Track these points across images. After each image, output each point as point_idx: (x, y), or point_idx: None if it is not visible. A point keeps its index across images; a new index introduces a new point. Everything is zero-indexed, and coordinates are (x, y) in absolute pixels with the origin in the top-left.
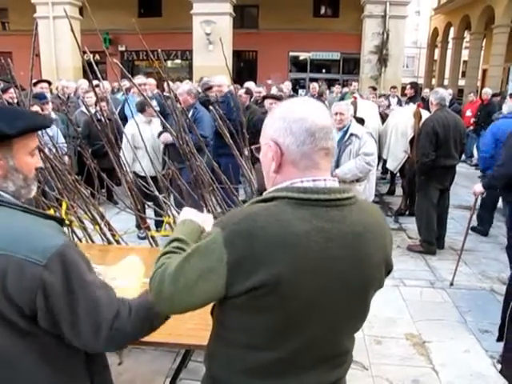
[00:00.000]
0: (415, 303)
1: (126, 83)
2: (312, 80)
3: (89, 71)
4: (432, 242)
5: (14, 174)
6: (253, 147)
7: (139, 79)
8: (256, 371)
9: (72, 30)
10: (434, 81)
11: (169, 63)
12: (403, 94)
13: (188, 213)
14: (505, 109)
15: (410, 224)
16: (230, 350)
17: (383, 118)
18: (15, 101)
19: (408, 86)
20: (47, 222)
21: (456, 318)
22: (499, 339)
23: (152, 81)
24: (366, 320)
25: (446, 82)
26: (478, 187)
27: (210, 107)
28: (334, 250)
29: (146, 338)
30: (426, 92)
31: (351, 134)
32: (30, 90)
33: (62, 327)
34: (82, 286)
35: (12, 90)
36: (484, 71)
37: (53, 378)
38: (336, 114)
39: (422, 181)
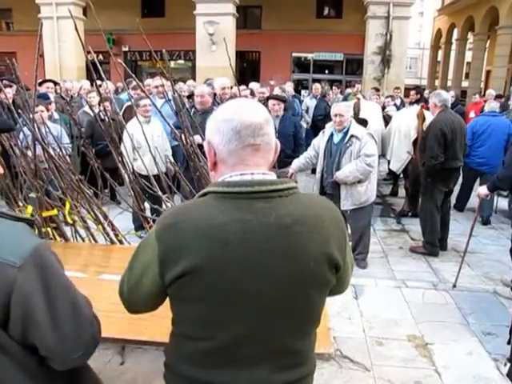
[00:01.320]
0: (417, 305)
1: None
2: (315, 81)
3: (93, 71)
4: (435, 243)
5: None
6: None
7: (157, 80)
8: (197, 360)
9: (76, 30)
10: (437, 82)
11: (172, 63)
12: (406, 96)
13: None
14: (486, 107)
15: (413, 225)
16: (176, 340)
17: (386, 120)
18: (10, 101)
19: (413, 92)
20: (18, 224)
21: (459, 319)
22: (510, 342)
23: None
24: (367, 321)
25: (449, 84)
26: (483, 189)
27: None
28: (254, 241)
29: (148, 338)
30: (426, 93)
31: (351, 136)
32: (34, 90)
33: (39, 333)
34: (61, 286)
35: (9, 90)
36: (488, 72)
37: None
38: (336, 115)
39: (427, 183)
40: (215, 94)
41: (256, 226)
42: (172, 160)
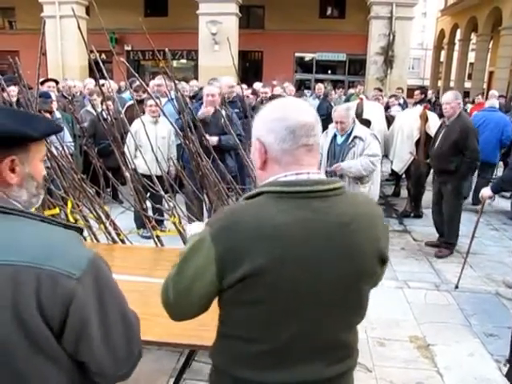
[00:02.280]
0: (419, 305)
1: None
2: (317, 81)
3: (95, 70)
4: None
5: (30, 182)
6: None
7: (157, 80)
8: (252, 362)
9: (79, 29)
10: (439, 83)
11: (174, 63)
12: (409, 97)
13: (195, 227)
14: (487, 104)
15: (415, 226)
16: (228, 343)
17: (389, 120)
18: (14, 99)
19: (417, 92)
20: (70, 233)
21: (461, 321)
22: None
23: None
24: (368, 321)
25: (451, 84)
26: (487, 191)
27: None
28: (317, 240)
29: (151, 338)
30: (430, 94)
31: (355, 137)
32: (36, 89)
33: (91, 347)
34: (116, 301)
35: (12, 88)
36: (490, 73)
37: None
38: (337, 122)
39: (461, 184)
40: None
41: (318, 225)
42: (175, 162)
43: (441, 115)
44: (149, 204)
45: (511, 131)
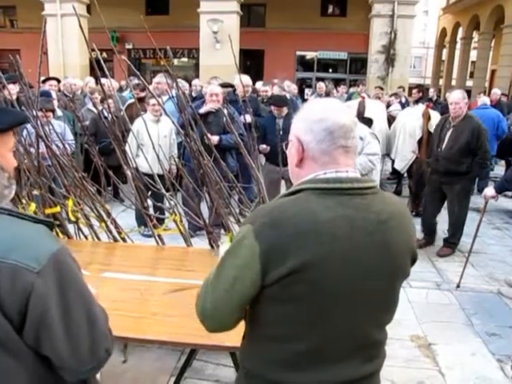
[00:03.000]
0: (421, 305)
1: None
2: (319, 79)
3: (97, 68)
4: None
5: (0, 173)
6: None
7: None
8: (286, 363)
9: (81, 27)
10: (441, 81)
11: (175, 61)
12: (410, 95)
13: (226, 247)
14: (479, 102)
15: (416, 225)
16: (260, 344)
17: (389, 120)
18: (14, 97)
19: (415, 90)
20: (37, 227)
21: (462, 320)
22: None
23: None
24: None
25: (453, 83)
26: (490, 191)
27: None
28: (359, 236)
29: (152, 337)
30: (431, 92)
31: None
32: (38, 88)
33: (53, 341)
34: (78, 295)
35: (11, 87)
36: (493, 72)
37: None
38: None
39: (469, 184)
40: (234, 91)
41: (360, 222)
42: (176, 160)
43: (443, 114)
44: (150, 202)
45: (506, 125)
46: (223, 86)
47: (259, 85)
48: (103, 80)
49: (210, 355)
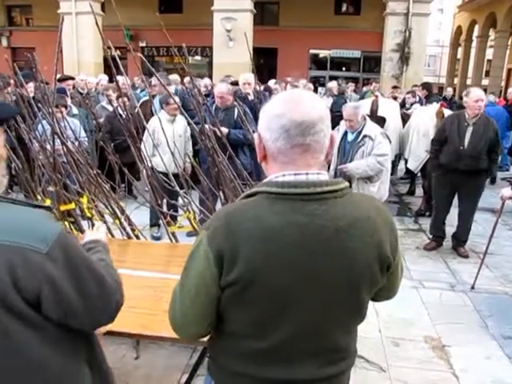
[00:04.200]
0: (434, 306)
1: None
2: (332, 78)
3: (112, 66)
4: None
5: (1, 163)
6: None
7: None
8: (248, 358)
9: (97, 25)
10: (456, 80)
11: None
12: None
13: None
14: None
15: (426, 224)
16: (224, 338)
17: (404, 119)
18: (31, 95)
19: (419, 88)
20: (39, 211)
21: (477, 322)
22: None
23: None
24: (383, 320)
25: (468, 82)
26: (507, 191)
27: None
28: (311, 244)
29: (165, 334)
30: (449, 91)
31: (364, 136)
32: (54, 85)
33: (72, 311)
34: (87, 266)
35: (31, 84)
36: (509, 70)
37: (64, 370)
38: (346, 120)
39: (485, 180)
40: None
41: (313, 229)
42: (191, 160)
43: None
44: (164, 200)
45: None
46: (232, 84)
47: (272, 83)
48: (118, 77)
49: None
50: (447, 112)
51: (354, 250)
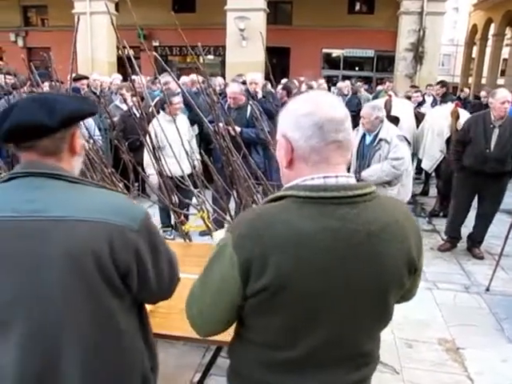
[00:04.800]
0: (449, 307)
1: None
2: (345, 78)
3: (128, 65)
4: None
5: (81, 151)
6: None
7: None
8: (273, 367)
9: (113, 25)
10: (470, 79)
11: (202, 59)
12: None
13: (219, 234)
14: None
15: (444, 225)
16: (248, 347)
17: (418, 118)
18: None
19: (437, 86)
20: (124, 195)
21: (492, 324)
22: None
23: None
24: (396, 321)
25: (483, 81)
26: None
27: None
28: (342, 249)
29: (178, 333)
30: (465, 92)
31: (380, 139)
32: (70, 84)
33: (148, 284)
34: (163, 246)
35: (46, 84)
36: None
37: (133, 340)
38: (361, 117)
39: (507, 182)
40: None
41: (344, 234)
42: (204, 157)
43: (471, 113)
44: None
45: None
46: (243, 83)
47: (284, 82)
48: (134, 77)
49: None
50: (462, 112)
51: (385, 255)
